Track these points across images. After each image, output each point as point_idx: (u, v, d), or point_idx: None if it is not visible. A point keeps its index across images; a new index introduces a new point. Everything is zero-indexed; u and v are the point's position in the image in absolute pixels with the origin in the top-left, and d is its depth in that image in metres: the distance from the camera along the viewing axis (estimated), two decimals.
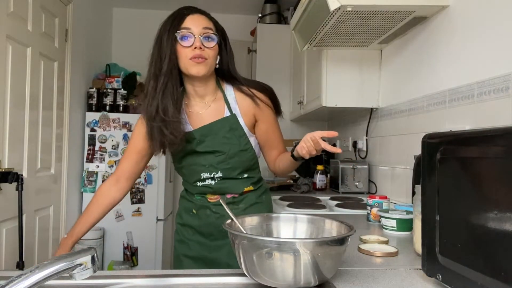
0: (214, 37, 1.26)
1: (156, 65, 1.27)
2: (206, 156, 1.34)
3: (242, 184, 1.39)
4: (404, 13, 1.66)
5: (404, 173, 1.96)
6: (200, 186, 1.38)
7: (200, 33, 1.24)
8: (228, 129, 1.33)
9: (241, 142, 1.34)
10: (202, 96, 1.35)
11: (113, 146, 3.32)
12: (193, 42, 1.24)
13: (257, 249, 0.73)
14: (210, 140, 1.34)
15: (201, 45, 1.24)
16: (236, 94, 1.36)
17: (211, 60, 1.27)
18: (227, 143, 1.33)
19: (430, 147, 0.83)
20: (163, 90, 1.26)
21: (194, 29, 1.24)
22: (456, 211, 0.75)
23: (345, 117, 2.99)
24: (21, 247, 2.02)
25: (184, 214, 1.46)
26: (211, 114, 1.35)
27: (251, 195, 1.41)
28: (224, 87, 1.38)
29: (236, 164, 1.34)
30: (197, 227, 1.42)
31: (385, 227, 1.39)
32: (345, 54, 2.31)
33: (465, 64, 1.49)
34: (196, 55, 1.23)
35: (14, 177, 2.00)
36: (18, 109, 2.27)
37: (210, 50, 1.26)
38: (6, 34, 2.11)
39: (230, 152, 1.33)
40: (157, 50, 1.27)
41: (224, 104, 1.35)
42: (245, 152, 1.35)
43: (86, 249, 0.61)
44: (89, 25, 3.35)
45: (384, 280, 0.86)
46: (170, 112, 1.26)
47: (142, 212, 3.36)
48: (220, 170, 1.34)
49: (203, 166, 1.35)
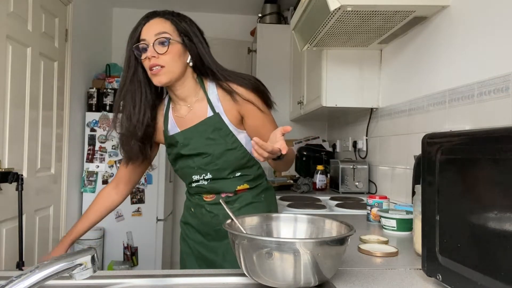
0: (166, 40, 1.21)
1: (122, 79, 1.31)
2: (194, 159, 1.33)
3: (235, 183, 1.35)
4: (404, 13, 1.66)
5: (404, 173, 1.96)
6: (195, 187, 1.38)
7: (153, 41, 1.21)
8: (212, 129, 1.30)
9: (228, 141, 1.30)
10: (184, 98, 1.32)
11: (113, 146, 3.32)
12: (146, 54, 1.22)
13: (257, 249, 0.73)
14: (195, 143, 1.31)
15: (154, 53, 1.20)
16: (219, 92, 1.31)
17: (171, 66, 1.23)
18: (212, 144, 1.30)
19: (430, 147, 0.83)
20: (119, 104, 1.29)
21: (148, 38, 1.22)
22: (456, 211, 0.75)
23: (345, 117, 2.99)
24: (21, 247, 2.02)
25: (186, 212, 1.47)
26: (194, 116, 1.32)
27: (247, 194, 1.37)
28: (206, 86, 1.33)
29: (224, 164, 1.31)
30: (196, 225, 1.42)
31: (385, 227, 1.38)
32: (345, 54, 2.31)
33: (465, 64, 1.49)
34: (152, 65, 1.21)
35: (14, 177, 2.00)
36: (18, 109, 2.27)
37: (165, 56, 1.21)
38: (6, 34, 2.11)
39: (216, 152, 1.30)
40: (124, 65, 1.30)
41: (207, 104, 1.31)
42: (233, 151, 1.31)
43: (86, 249, 0.61)
44: (89, 25, 3.35)
45: (384, 280, 0.86)
46: (125, 127, 1.29)
47: (142, 212, 3.36)
48: (209, 172, 1.33)
49: (192, 168, 1.34)
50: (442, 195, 0.79)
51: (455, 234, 0.75)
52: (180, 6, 3.98)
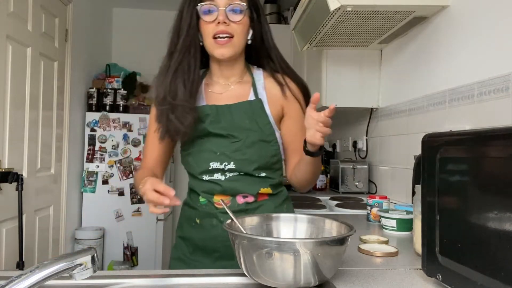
0: (242, 9, 1.08)
1: (172, 41, 1.12)
2: (219, 141, 1.13)
3: (259, 183, 1.15)
4: (404, 13, 1.66)
5: (404, 173, 1.96)
6: (206, 182, 1.15)
7: (225, 5, 1.07)
8: (251, 113, 1.13)
9: (265, 131, 1.14)
10: (228, 77, 1.18)
11: (113, 146, 3.32)
12: (216, 16, 1.07)
13: (257, 249, 0.73)
14: (227, 122, 1.13)
15: (225, 18, 1.06)
16: (266, 81, 1.18)
17: (239, 38, 1.10)
18: (246, 130, 1.12)
19: (430, 147, 0.83)
20: (174, 69, 1.10)
21: (219, 1, 1.07)
22: (456, 211, 0.75)
23: (345, 117, 2.99)
24: (21, 247, 2.02)
25: (185, 225, 1.23)
26: (232, 96, 1.16)
27: (269, 203, 1.16)
28: (253, 70, 1.21)
29: (253, 156, 1.12)
30: (199, 241, 1.17)
31: (385, 227, 1.38)
32: (345, 54, 2.31)
33: (465, 64, 1.49)
34: (219, 31, 1.07)
35: (14, 177, 2.01)
36: (18, 109, 2.27)
37: (237, 25, 1.08)
38: (6, 34, 2.11)
39: (248, 140, 1.12)
40: (176, 24, 1.12)
41: (251, 87, 1.17)
42: (267, 144, 1.14)
43: (86, 249, 0.61)
44: (89, 25, 3.35)
45: (384, 280, 0.86)
46: (180, 95, 1.09)
47: (142, 212, 3.36)
48: (234, 161, 1.12)
49: (214, 153, 1.13)
50: (442, 195, 0.79)
51: (455, 234, 0.75)
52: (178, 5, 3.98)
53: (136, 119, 3.37)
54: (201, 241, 1.17)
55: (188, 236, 1.20)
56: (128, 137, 3.35)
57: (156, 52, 1.29)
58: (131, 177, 3.33)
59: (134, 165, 3.34)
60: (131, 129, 3.36)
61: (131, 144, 3.36)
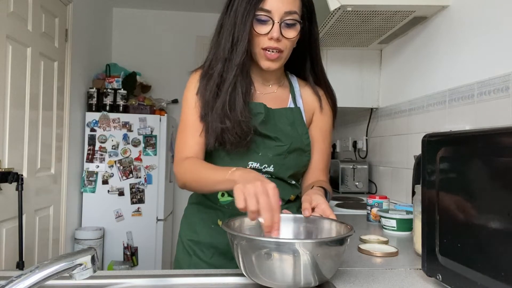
0: (297, 24, 1.02)
1: (225, 45, 1.04)
2: (264, 142, 1.08)
3: (290, 190, 1.14)
4: (404, 13, 1.66)
5: (404, 173, 1.96)
6: None
7: (281, 18, 0.99)
8: (292, 121, 1.12)
9: (303, 140, 1.12)
10: (267, 79, 1.15)
11: (113, 146, 3.32)
12: (270, 29, 1.00)
13: (256, 249, 0.73)
14: (274, 125, 1.09)
15: (279, 35, 1.00)
16: (302, 90, 1.17)
17: (288, 52, 1.05)
18: (291, 136, 1.10)
19: (430, 147, 0.83)
20: (233, 83, 1.03)
21: (275, 12, 0.99)
22: (456, 211, 0.75)
23: (345, 117, 2.99)
24: (21, 247, 2.02)
25: (199, 228, 1.15)
26: (273, 100, 1.13)
27: (292, 207, 1.15)
28: (289, 76, 1.19)
29: (290, 163, 1.11)
30: (221, 244, 1.10)
31: (385, 227, 1.38)
32: (345, 54, 2.31)
33: (465, 64, 1.49)
34: (269, 47, 1.01)
35: (14, 177, 2.00)
36: (18, 109, 2.27)
37: (288, 41, 1.02)
38: (6, 34, 2.11)
39: (292, 146, 1.09)
40: (230, 25, 1.03)
41: (289, 94, 1.16)
42: (303, 153, 1.13)
43: (86, 249, 0.61)
44: (89, 25, 3.35)
45: (384, 280, 0.86)
46: (239, 109, 1.01)
47: (142, 212, 3.36)
48: (274, 164, 1.08)
49: (256, 153, 1.07)
50: (442, 195, 0.79)
51: (455, 234, 0.75)
52: (179, 5, 3.99)
53: (136, 119, 3.37)
54: (224, 245, 1.09)
55: (206, 240, 1.13)
56: (128, 137, 3.35)
57: (156, 52, 1.27)
58: (131, 177, 3.33)
59: (134, 165, 3.34)
60: (131, 129, 3.36)
61: (131, 144, 3.36)
